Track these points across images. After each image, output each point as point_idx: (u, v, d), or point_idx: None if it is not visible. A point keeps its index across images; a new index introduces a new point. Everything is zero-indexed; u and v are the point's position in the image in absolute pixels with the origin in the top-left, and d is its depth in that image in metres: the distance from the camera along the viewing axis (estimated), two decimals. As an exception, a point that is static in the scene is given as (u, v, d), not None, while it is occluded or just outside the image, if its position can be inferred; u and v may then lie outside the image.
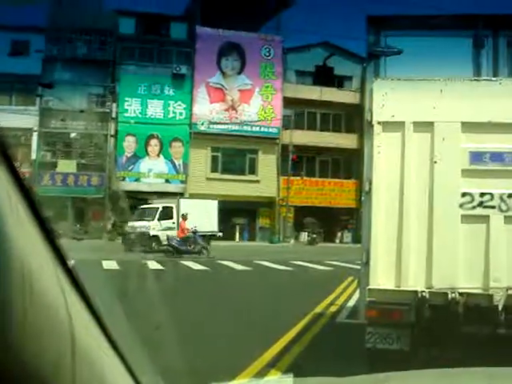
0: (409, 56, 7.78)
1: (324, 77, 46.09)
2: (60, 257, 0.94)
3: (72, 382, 0.91)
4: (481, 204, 6.61)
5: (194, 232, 26.16)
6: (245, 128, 44.03)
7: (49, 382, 0.86)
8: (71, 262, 0.98)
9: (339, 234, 46.43)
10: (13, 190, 0.83)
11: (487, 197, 6.60)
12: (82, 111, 40.71)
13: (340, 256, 27.08)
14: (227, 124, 43.71)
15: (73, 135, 42.00)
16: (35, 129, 41.04)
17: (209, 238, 29.33)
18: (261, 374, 7.02)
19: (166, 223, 30.51)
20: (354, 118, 45.27)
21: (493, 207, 6.60)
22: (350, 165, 45.65)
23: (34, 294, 0.82)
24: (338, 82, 47.66)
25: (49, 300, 0.86)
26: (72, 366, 0.91)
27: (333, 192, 46.09)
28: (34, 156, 40.53)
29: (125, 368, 1.14)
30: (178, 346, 2.56)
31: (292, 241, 44.22)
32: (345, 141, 45.84)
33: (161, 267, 18.29)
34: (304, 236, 44.31)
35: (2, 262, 0.77)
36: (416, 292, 6.53)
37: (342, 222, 46.57)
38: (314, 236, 43.21)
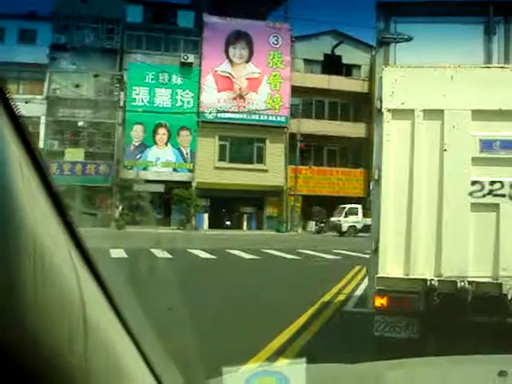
0: (419, 43, 7.73)
1: (332, 65, 45.96)
2: (73, 235, 0.93)
3: (84, 359, 0.90)
4: (491, 192, 6.58)
5: None
6: (253, 117, 43.97)
7: (61, 359, 0.85)
8: (86, 246, 0.97)
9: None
10: (25, 163, 0.82)
11: (497, 185, 6.56)
12: (89, 100, 40.75)
13: (347, 245, 27.10)
14: (235, 113, 43.65)
15: (80, 124, 42.03)
16: (43, 117, 41.07)
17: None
18: (269, 361, 7.03)
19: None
20: (363, 107, 45.15)
21: (503, 195, 6.56)
22: (358, 154, 45.55)
23: (46, 269, 0.81)
24: (347, 70, 47.56)
25: (61, 277, 0.85)
26: (84, 344, 0.90)
27: (341, 181, 46.04)
28: (41, 145, 40.59)
29: (136, 349, 1.14)
30: (189, 331, 2.55)
31: (300, 230, 44.25)
32: (353, 130, 45.72)
33: (169, 255, 18.29)
34: (312, 225, 44.33)
35: (14, 232, 0.76)
36: (425, 280, 6.51)
37: (350, 211, 46.51)
38: (322, 225, 43.22)
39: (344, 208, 41.80)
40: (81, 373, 0.90)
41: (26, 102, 33.65)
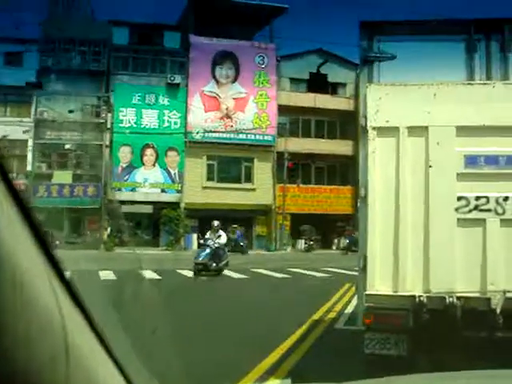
0: (402, 61, 7.80)
1: (318, 84, 46.20)
2: (54, 264, 0.93)
3: None
4: (476, 207, 6.62)
5: None
6: (240, 136, 44.04)
7: None
8: (66, 271, 0.97)
9: (336, 241, 46.38)
10: (4, 194, 0.83)
11: (483, 200, 6.61)
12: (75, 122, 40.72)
13: (337, 262, 27.12)
14: (222, 132, 43.71)
15: (68, 146, 41.94)
16: (30, 140, 40.98)
17: None
18: (259, 381, 7.00)
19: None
20: (349, 125, 45.30)
21: (489, 210, 6.60)
22: (345, 171, 45.66)
23: (26, 299, 0.81)
24: (332, 88, 47.80)
25: (41, 306, 0.85)
26: (66, 372, 0.90)
27: (329, 199, 46.09)
28: (29, 167, 40.47)
29: (121, 375, 1.14)
30: (175, 353, 2.55)
31: (289, 248, 44.19)
32: (340, 147, 45.87)
33: (158, 276, 18.23)
34: (301, 243, 44.28)
35: None
36: (414, 297, 6.53)
37: (339, 229, 46.52)
38: (311, 243, 43.21)
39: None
40: None
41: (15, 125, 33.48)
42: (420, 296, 6.51)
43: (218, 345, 9.15)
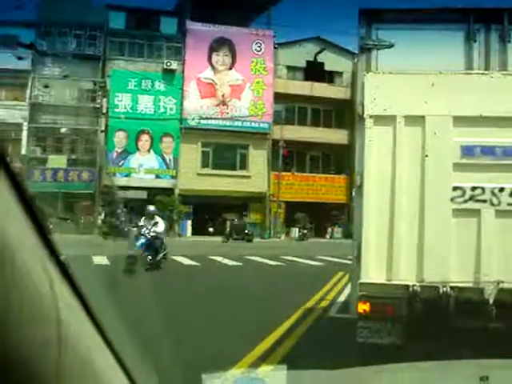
0: (400, 49, 7.76)
1: (315, 72, 46.09)
2: (48, 244, 0.90)
3: (58, 366, 0.88)
4: (472, 198, 6.61)
5: None
6: (235, 123, 43.97)
7: (33, 366, 0.83)
8: (61, 253, 0.95)
9: (330, 230, 46.47)
10: None
11: (478, 191, 6.60)
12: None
13: (330, 251, 27.13)
14: (218, 119, 43.63)
15: (63, 130, 41.80)
16: (25, 124, 40.81)
17: None
18: (252, 367, 7.00)
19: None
20: (345, 114, 45.32)
21: (484, 201, 6.60)
22: (340, 160, 45.67)
23: (17, 279, 0.78)
24: (329, 77, 47.70)
25: (33, 287, 0.82)
26: (58, 356, 0.88)
27: (323, 187, 46.13)
28: (23, 151, 40.33)
29: (113, 356, 1.11)
30: (170, 339, 2.53)
31: (283, 236, 44.25)
32: (335, 136, 45.84)
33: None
34: (295, 231, 44.32)
35: None
36: (407, 286, 6.53)
37: (333, 218, 46.60)
38: (305, 231, 43.25)
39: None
40: (54, 381, 0.87)
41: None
42: (414, 285, 6.52)
43: (211, 332, 9.15)
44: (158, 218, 18.92)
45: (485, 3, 8.28)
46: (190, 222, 43.20)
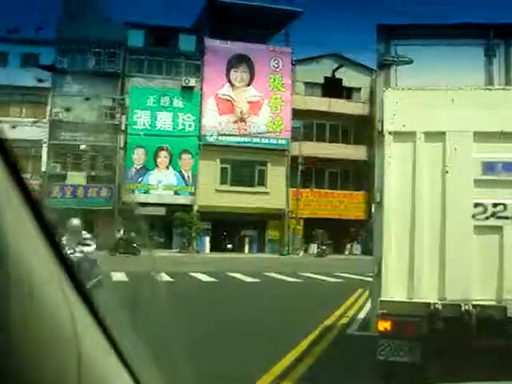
0: (420, 65, 7.73)
1: (333, 88, 46.11)
2: (66, 266, 0.89)
3: None
4: (494, 215, 6.53)
5: None
6: (254, 140, 44.05)
7: None
8: (78, 274, 0.93)
9: (349, 246, 46.28)
10: (13, 189, 0.79)
11: (500, 207, 6.52)
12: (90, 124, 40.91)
13: (349, 268, 27.00)
14: (236, 136, 43.73)
15: (82, 147, 42.09)
16: (45, 141, 41.18)
17: None
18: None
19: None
20: (363, 130, 45.22)
21: (506, 218, 6.51)
22: (359, 176, 45.55)
23: (35, 301, 0.76)
24: (347, 93, 47.73)
25: (52, 309, 0.80)
26: (78, 381, 0.86)
27: (342, 203, 45.97)
28: (43, 168, 40.66)
29: (134, 382, 1.09)
30: (189, 358, 2.50)
31: (301, 253, 44.09)
32: (354, 152, 45.76)
33: (171, 279, 18.23)
34: (313, 248, 44.17)
35: None
36: (429, 304, 6.44)
37: (352, 234, 46.41)
38: (324, 248, 43.06)
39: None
40: None
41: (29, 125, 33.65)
42: (435, 303, 6.43)
43: (230, 349, 9.10)
44: (85, 234, 14.31)
45: (504, 19, 8.23)
46: (208, 239, 43.22)
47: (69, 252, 15.82)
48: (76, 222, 13.79)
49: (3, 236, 0.73)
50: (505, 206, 6.51)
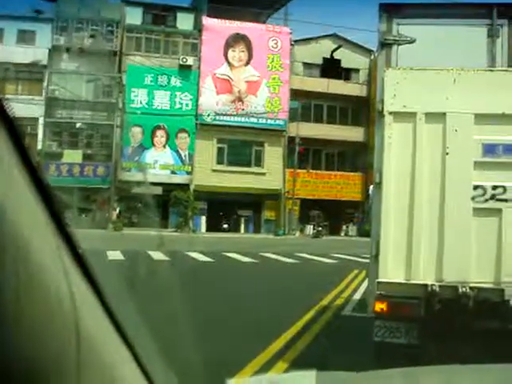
0: (421, 45, 7.64)
1: (331, 69, 45.94)
2: (65, 235, 0.84)
3: (76, 373, 0.82)
4: (493, 197, 6.50)
5: None
6: (251, 120, 43.93)
7: (50, 374, 0.77)
8: (79, 246, 0.88)
9: (344, 227, 46.40)
10: (13, 160, 0.74)
11: (500, 190, 6.49)
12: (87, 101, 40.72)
13: (345, 249, 27.07)
14: (233, 115, 43.60)
15: (79, 125, 41.93)
16: (41, 118, 41.00)
17: None
18: (268, 365, 6.95)
19: None
20: (361, 111, 45.21)
21: (505, 200, 6.48)
22: (356, 158, 45.59)
23: (31, 271, 0.72)
24: (346, 74, 47.56)
25: (49, 280, 0.76)
26: (76, 356, 0.82)
27: (339, 185, 45.99)
28: (39, 146, 40.52)
29: (134, 359, 1.06)
30: (189, 338, 2.47)
31: (297, 233, 44.18)
32: (351, 134, 45.70)
33: (167, 258, 18.21)
34: (309, 229, 44.28)
35: None
36: (426, 285, 6.43)
37: (348, 215, 46.51)
38: (320, 229, 43.17)
39: None
40: (74, 377, 0.81)
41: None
42: (432, 285, 6.42)
43: (226, 329, 9.11)
44: None
45: (508, -1, 8.15)
46: (204, 218, 43.25)
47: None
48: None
49: (2, 208, 0.69)
50: (504, 188, 6.47)
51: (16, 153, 0.78)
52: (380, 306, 6.57)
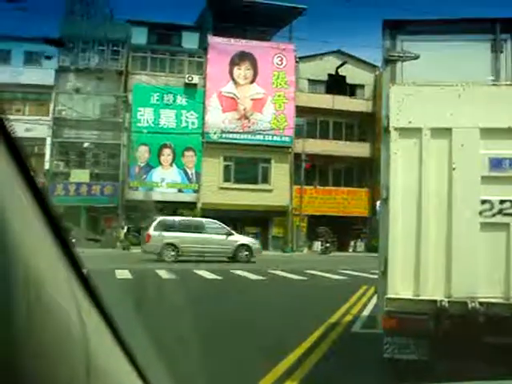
0: (426, 61, 7.67)
1: (336, 85, 46.02)
2: (73, 263, 0.84)
3: None
4: (500, 211, 6.49)
5: None
6: (257, 137, 43.98)
7: None
8: (85, 270, 0.89)
9: (352, 243, 46.22)
10: (20, 186, 0.74)
11: (507, 204, 6.48)
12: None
13: (353, 265, 26.95)
14: (240, 133, 43.66)
15: (86, 145, 42.07)
16: (48, 138, 41.18)
17: None
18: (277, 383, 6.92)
19: None
20: (367, 127, 45.20)
21: (513, 215, 6.47)
22: (362, 173, 45.54)
23: (41, 302, 0.72)
24: (351, 90, 47.62)
25: (59, 310, 0.76)
26: (87, 381, 0.82)
27: (346, 201, 45.88)
28: (47, 166, 40.67)
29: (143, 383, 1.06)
30: (196, 356, 2.47)
31: (305, 250, 44.06)
32: (357, 149, 45.69)
33: (175, 276, 18.21)
34: (317, 245, 44.14)
35: (2, 259, 0.67)
36: (435, 301, 6.41)
37: (355, 231, 46.36)
38: (328, 245, 43.02)
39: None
40: None
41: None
42: (441, 301, 6.40)
43: (235, 347, 9.07)
44: None
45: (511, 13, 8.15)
46: (212, 236, 43.17)
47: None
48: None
49: (8, 233, 0.69)
50: (512, 202, 6.46)
51: (19, 173, 0.78)
52: (389, 323, 6.55)
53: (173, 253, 28.79)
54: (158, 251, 28.52)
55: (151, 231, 29.02)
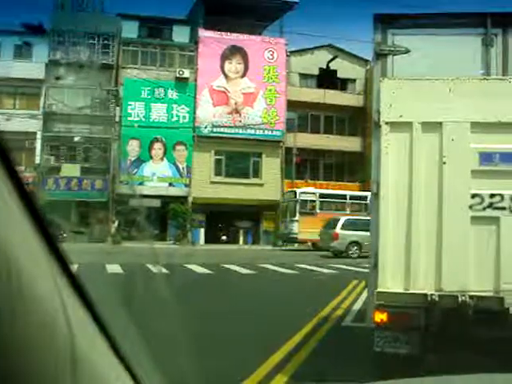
0: (417, 55, 7.68)
1: (327, 79, 46.05)
2: (58, 257, 0.83)
3: None
4: (491, 205, 6.51)
5: None
6: (248, 131, 43.96)
7: None
8: (72, 265, 0.88)
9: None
10: (4, 181, 0.73)
11: (497, 198, 6.50)
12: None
13: (345, 260, 27.00)
14: (231, 127, 43.63)
15: (76, 139, 41.93)
16: (39, 133, 41.01)
17: None
18: (267, 378, 6.92)
19: None
20: (358, 121, 45.26)
21: (503, 208, 6.49)
22: (353, 168, 45.60)
23: (25, 296, 0.71)
24: (342, 84, 47.67)
25: (43, 304, 0.75)
26: (72, 379, 0.81)
27: (337, 195, 45.91)
28: (37, 160, 40.52)
29: (131, 379, 1.05)
30: (187, 351, 2.46)
31: (296, 244, 44.08)
32: (348, 144, 45.77)
33: (166, 271, 18.14)
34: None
35: None
36: (425, 295, 6.43)
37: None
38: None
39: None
40: None
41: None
42: (432, 294, 6.42)
43: (225, 341, 9.08)
44: None
45: (502, 8, 8.17)
46: (203, 230, 43.19)
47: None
48: None
49: None
50: (502, 196, 6.48)
51: (1, 167, 0.76)
52: (380, 316, 6.57)
53: (357, 249, 30.73)
54: (344, 249, 31.07)
55: (338, 230, 31.33)
